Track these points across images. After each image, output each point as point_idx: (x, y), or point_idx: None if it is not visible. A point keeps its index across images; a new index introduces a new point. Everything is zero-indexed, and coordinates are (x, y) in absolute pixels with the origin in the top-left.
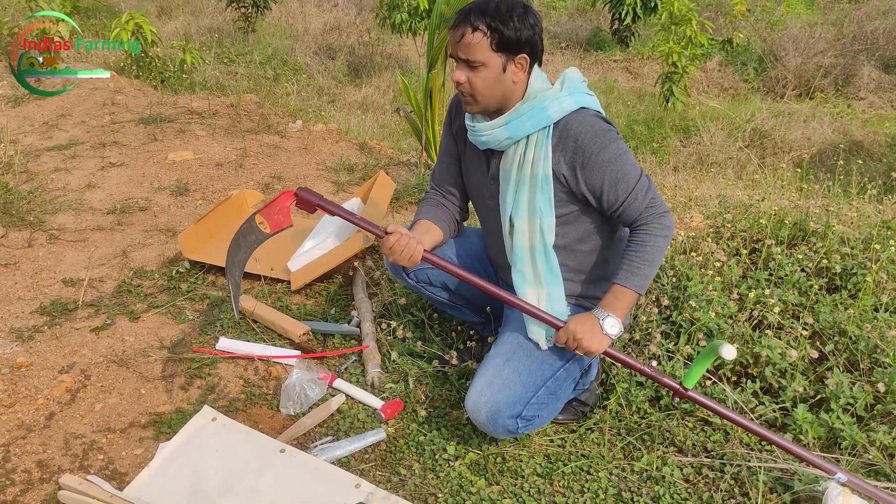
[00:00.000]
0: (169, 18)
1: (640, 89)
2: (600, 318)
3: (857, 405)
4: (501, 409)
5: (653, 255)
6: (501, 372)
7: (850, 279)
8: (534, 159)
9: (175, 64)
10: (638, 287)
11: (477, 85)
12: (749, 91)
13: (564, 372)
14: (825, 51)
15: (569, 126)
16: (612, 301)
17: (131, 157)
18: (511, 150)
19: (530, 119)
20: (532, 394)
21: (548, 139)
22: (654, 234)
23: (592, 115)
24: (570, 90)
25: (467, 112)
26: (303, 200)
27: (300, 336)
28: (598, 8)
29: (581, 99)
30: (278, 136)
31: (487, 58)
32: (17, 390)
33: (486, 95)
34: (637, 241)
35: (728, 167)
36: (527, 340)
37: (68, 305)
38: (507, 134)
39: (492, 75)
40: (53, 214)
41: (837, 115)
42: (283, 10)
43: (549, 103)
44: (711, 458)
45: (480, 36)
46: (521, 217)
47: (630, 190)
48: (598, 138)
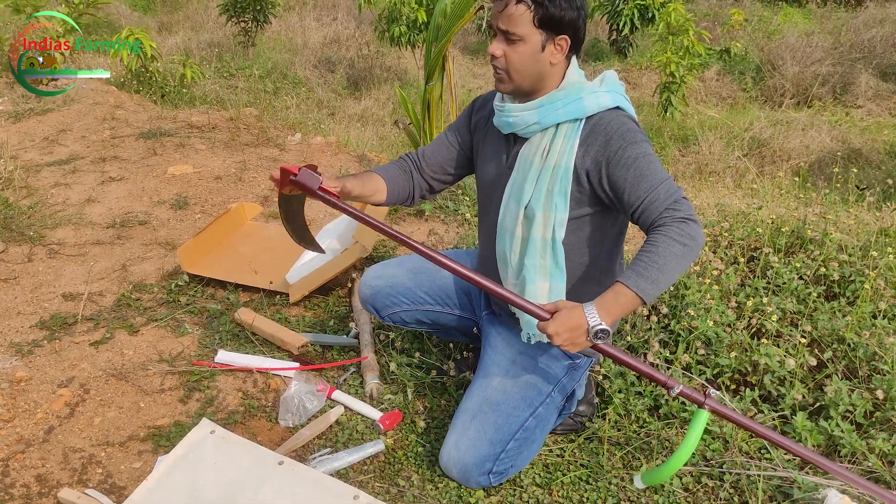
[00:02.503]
0: (169, 34)
1: (639, 99)
2: (588, 318)
3: (856, 412)
4: (470, 470)
5: (665, 260)
6: (468, 431)
7: (849, 286)
8: (560, 150)
9: (175, 79)
10: (641, 290)
11: (513, 60)
12: (747, 100)
13: (534, 420)
14: (822, 59)
15: (601, 122)
16: (609, 301)
17: (131, 171)
18: (537, 138)
19: (564, 108)
20: (500, 450)
21: (577, 132)
22: (670, 236)
23: (626, 116)
24: (610, 87)
25: (499, 90)
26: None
27: (299, 348)
28: (596, 19)
29: (618, 99)
30: (277, 148)
31: (527, 32)
32: (17, 405)
33: (521, 73)
34: (650, 242)
35: (727, 176)
36: (494, 391)
37: (68, 320)
38: (537, 118)
39: (529, 51)
40: (53, 229)
41: (836, 124)
42: (283, 25)
43: (587, 95)
44: (711, 466)
45: (524, 8)
46: (540, 209)
47: (652, 189)
48: (629, 135)
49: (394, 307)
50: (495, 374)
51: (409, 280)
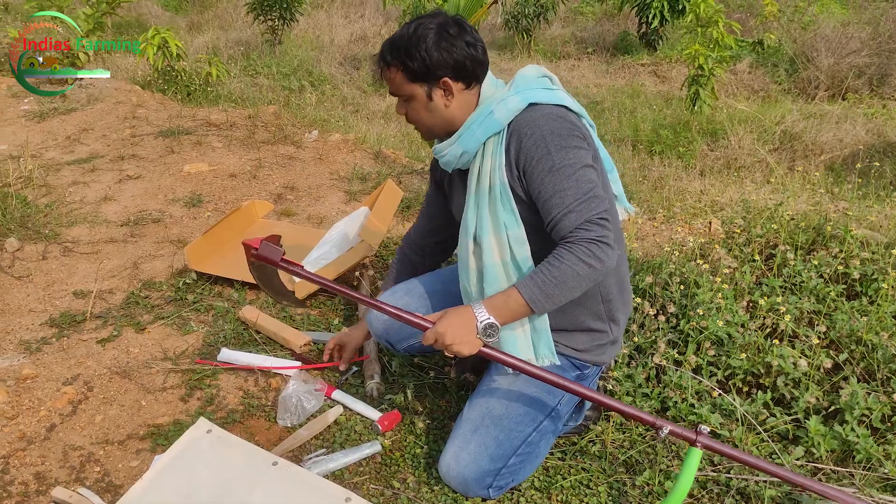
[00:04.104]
0: (199, 33)
1: (668, 93)
2: (478, 318)
3: (872, 417)
4: (470, 484)
5: (564, 276)
6: (469, 445)
7: (871, 285)
8: (490, 169)
9: (201, 77)
10: (533, 302)
11: (413, 117)
12: (780, 93)
13: (538, 434)
14: (859, 50)
15: (518, 126)
16: (498, 302)
17: (148, 169)
18: (471, 166)
19: (479, 127)
20: (502, 465)
21: (501, 145)
22: (577, 255)
23: (544, 114)
24: (518, 88)
25: (425, 140)
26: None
27: (301, 347)
28: (626, 12)
29: (530, 95)
30: (294, 146)
31: (409, 90)
32: (21, 402)
33: (426, 124)
34: (556, 256)
35: (756, 171)
36: (497, 404)
37: (77, 317)
38: (461, 148)
39: (421, 105)
40: (69, 227)
41: (872, 116)
42: (311, 22)
43: (496, 107)
44: (717, 472)
45: (394, 71)
46: (487, 233)
47: (566, 206)
48: (543, 143)
49: (409, 339)
50: (499, 385)
51: (422, 307)
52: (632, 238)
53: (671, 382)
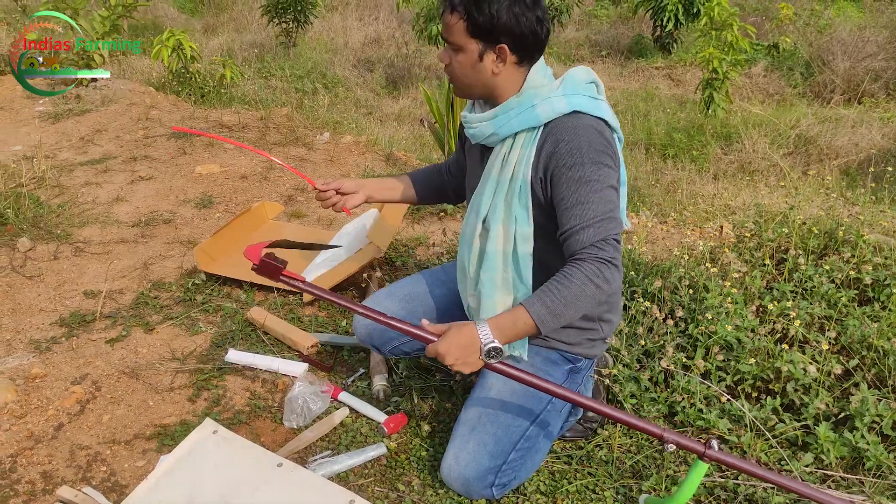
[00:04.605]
0: (214, 35)
1: (682, 96)
2: (481, 336)
3: (883, 423)
4: (472, 484)
5: (573, 296)
6: (467, 445)
7: (883, 291)
8: (516, 161)
9: (215, 79)
10: (541, 321)
11: (455, 69)
12: (795, 97)
13: (536, 428)
14: (875, 54)
15: (556, 129)
16: (505, 322)
17: (160, 170)
18: (498, 148)
19: (517, 116)
20: (502, 462)
21: (533, 142)
22: (587, 274)
23: (585, 125)
24: (567, 90)
25: (455, 96)
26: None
27: (308, 348)
28: (640, 15)
29: (577, 101)
30: (305, 148)
31: (464, 42)
32: (30, 401)
33: (464, 81)
34: (565, 275)
35: (770, 175)
36: (492, 402)
37: (87, 317)
38: (492, 129)
39: (468, 61)
40: (81, 227)
41: (888, 121)
42: (325, 25)
43: (539, 102)
44: (725, 477)
45: (457, 18)
46: (498, 222)
47: (585, 221)
48: (578, 152)
49: (392, 342)
50: (494, 383)
51: (403, 310)
52: (641, 241)
53: (679, 387)
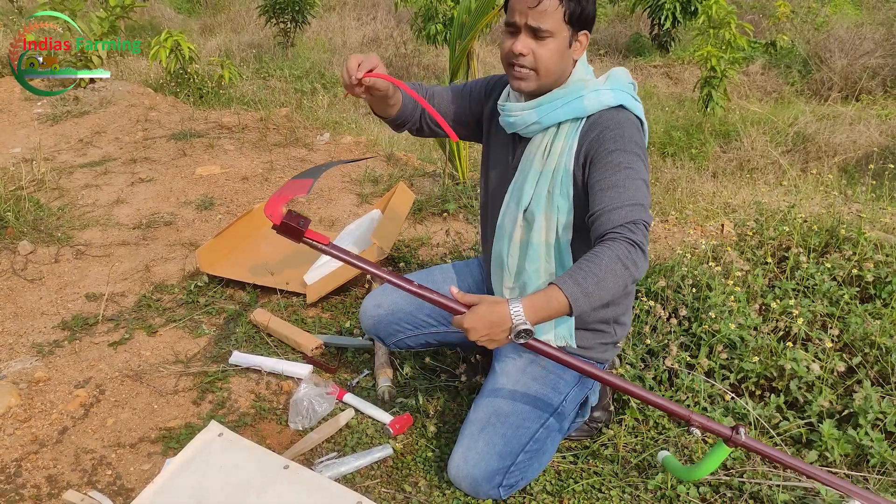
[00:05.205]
0: (211, 35)
1: (681, 94)
2: (513, 316)
3: (886, 420)
4: (480, 484)
5: (605, 275)
6: (476, 444)
7: (885, 288)
8: (560, 151)
9: (213, 80)
10: (574, 300)
11: (542, 57)
12: (793, 94)
13: (545, 430)
14: (872, 51)
15: (600, 119)
16: (539, 301)
17: (160, 172)
18: (538, 138)
19: (564, 106)
20: (510, 463)
21: (577, 133)
22: (617, 254)
23: (629, 120)
24: (613, 85)
25: (520, 89)
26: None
27: (312, 350)
28: (638, 13)
29: (622, 97)
30: (306, 148)
31: (558, 28)
32: (34, 405)
33: (549, 70)
34: (595, 254)
35: (769, 172)
36: (503, 402)
37: (89, 320)
38: (536, 117)
39: (558, 48)
40: (81, 230)
41: (886, 118)
42: (323, 25)
43: (587, 94)
44: (731, 476)
45: (557, 4)
46: (541, 213)
47: (619, 203)
48: (621, 140)
49: (398, 334)
50: (505, 383)
51: (409, 304)
52: None
53: (683, 386)
